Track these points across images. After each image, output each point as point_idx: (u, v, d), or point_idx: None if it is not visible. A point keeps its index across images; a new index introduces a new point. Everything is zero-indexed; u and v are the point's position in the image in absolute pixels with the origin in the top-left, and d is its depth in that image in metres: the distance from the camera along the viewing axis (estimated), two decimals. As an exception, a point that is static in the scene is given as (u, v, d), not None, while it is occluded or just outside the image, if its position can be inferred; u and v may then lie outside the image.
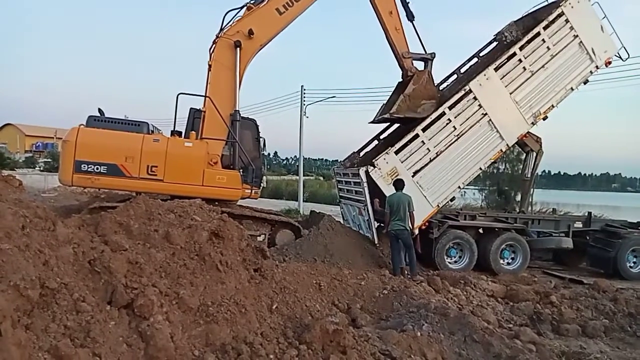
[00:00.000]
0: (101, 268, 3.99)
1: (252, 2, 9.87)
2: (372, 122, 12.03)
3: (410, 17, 11.00)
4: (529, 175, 12.37)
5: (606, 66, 11.17)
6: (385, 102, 11.86)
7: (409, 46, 11.07)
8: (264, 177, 11.18)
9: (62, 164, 9.22)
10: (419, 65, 11.28)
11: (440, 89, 12.43)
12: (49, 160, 39.95)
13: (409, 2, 11.01)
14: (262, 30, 9.83)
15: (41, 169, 37.55)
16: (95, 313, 3.62)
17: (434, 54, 11.18)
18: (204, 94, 9.86)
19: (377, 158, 9.91)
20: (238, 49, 9.66)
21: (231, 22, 9.85)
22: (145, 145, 9.18)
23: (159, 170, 9.14)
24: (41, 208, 4.26)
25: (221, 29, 9.84)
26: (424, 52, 11.14)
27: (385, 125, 12.54)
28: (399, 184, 9.19)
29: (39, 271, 3.48)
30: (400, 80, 11.53)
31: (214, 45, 9.88)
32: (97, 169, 8.92)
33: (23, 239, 3.63)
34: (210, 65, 9.86)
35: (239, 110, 9.89)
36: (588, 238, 11.66)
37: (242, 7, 9.90)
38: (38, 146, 56.21)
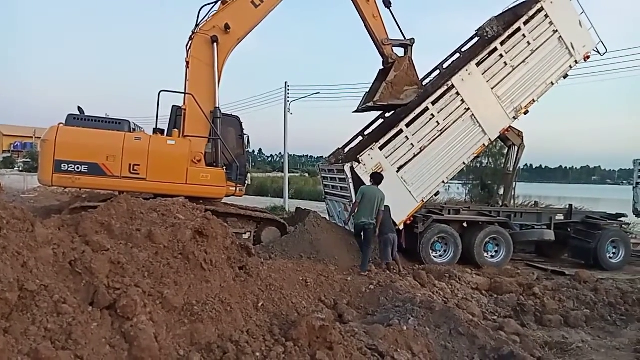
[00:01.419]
0: (82, 269, 3.91)
1: None
2: (356, 112, 12.03)
3: (387, 3, 11.00)
4: (511, 169, 12.55)
5: (585, 60, 11.36)
6: (367, 90, 11.87)
7: (388, 33, 11.06)
8: (249, 175, 11.11)
9: (41, 163, 8.99)
10: (399, 51, 11.28)
11: (423, 84, 12.50)
12: (28, 160, 39.18)
13: None
14: (238, 24, 9.72)
15: (20, 169, 36.82)
16: (77, 315, 3.55)
17: (414, 39, 11.16)
18: (186, 92, 9.74)
19: (361, 154, 9.93)
20: (215, 44, 9.54)
21: (206, 17, 9.73)
22: (127, 144, 9.02)
23: (142, 169, 9.00)
24: (19, 209, 4.15)
25: (197, 25, 9.70)
26: (403, 38, 11.14)
27: (369, 120, 12.59)
28: (377, 178, 8.95)
29: (17, 273, 3.39)
30: (382, 67, 11.54)
31: (190, 42, 9.76)
32: (78, 168, 8.74)
33: (0, 241, 3.54)
34: (187, 62, 9.73)
35: (219, 107, 9.78)
36: (569, 230, 11.89)
37: (216, 2, 9.78)
38: (17, 146, 55.01)
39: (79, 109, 9.58)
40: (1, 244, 3.49)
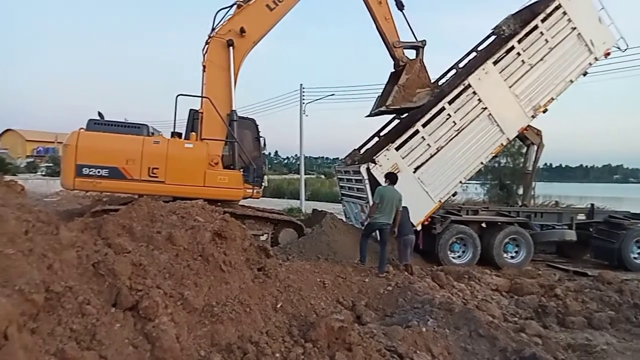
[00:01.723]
0: (105, 271, 3.98)
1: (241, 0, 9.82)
2: (368, 116, 12.01)
3: (400, 6, 10.98)
4: (530, 169, 12.36)
5: (605, 57, 11.15)
6: (380, 94, 11.83)
7: (400, 35, 11.02)
8: (265, 177, 11.18)
9: (63, 168, 9.21)
10: (411, 53, 11.23)
11: (439, 84, 12.42)
12: (51, 164, 40.03)
13: None
14: (253, 28, 9.81)
15: (43, 173, 37.60)
16: (100, 316, 3.62)
17: (425, 41, 11.11)
18: (203, 95, 9.85)
19: (378, 155, 9.91)
20: (231, 47, 9.64)
21: (222, 21, 9.84)
22: (146, 148, 9.17)
23: (160, 172, 9.13)
24: (44, 212, 4.26)
25: (212, 29, 9.82)
26: (414, 40, 11.09)
27: (385, 121, 12.55)
28: (393, 178, 8.78)
29: (43, 275, 3.48)
30: (393, 70, 11.50)
31: (206, 46, 9.88)
32: (99, 172, 8.91)
33: (26, 243, 3.63)
34: (204, 66, 9.84)
35: (235, 110, 9.87)
36: (591, 230, 11.66)
37: (232, 6, 9.89)
38: (39, 151, 56.29)
39: (99, 114, 9.78)
40: (28, 247, 3.58)
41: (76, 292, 3.65)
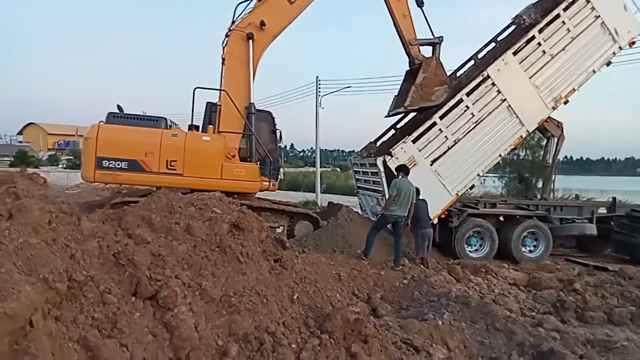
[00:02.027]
0: (125, 261, 4.07)
1: None
2: (387, 116, 11.90)
3: (420, 2, 10.83)
4: (550, 161, 12.16)
5: (630, 46, 10.87)
6: (397, 93, 11.72)
7: (416, 31, 10.86)
8: (281, 170, 11.22)
9: (84, 161, 9.36)
10: (427, 50, 11.07)
11: (458, 75, 12.26)
12: (71, 157, 40.85)
13: None
14: (273, 21, 9.80)
15: (64, 166, 38.40)
16: (121, 305, 3.71)
17: (442, 37, 10.93)
18: (220, 88, 9.91)
19: (394, 147, 9.85)
20: (250, 41, 9.66)
21: (242, 14, 9.85)
22: (164, 140, 9.27)
23: (178, 164, 9.23)
24: (66, 204, 4.36)
25: (233, 22, 9.84)
26: (432, 37, 10.93)
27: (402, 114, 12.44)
28: (406, 170, 8.69)
29: (66, 264, 3.57)
30: (409, 68, 11.39)
31: (226, 39, 9.91)
32: (118, 164, 9.05)
33: (50, 233, 3.73)
34: (223, 59, 9.88)
35: (253, 103, 9.91)
36: (613, 224, 11.44)
37: None
38: (60, 144, 57.46)
39: (119, 107, 9.90)
40: (51, 237, 3.67)
41: (97, 281, 3.74)
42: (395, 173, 8.85)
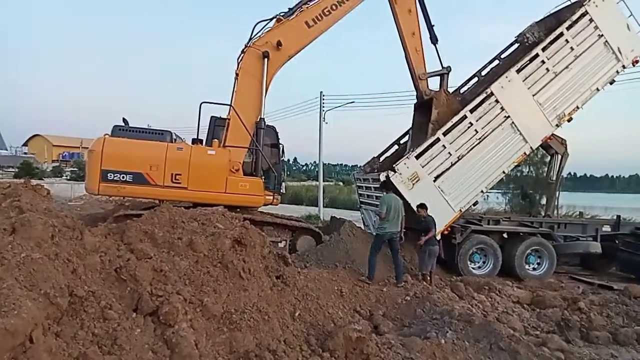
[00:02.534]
0: (127, 276, 4.06)
1: (282, 14, 10.00)
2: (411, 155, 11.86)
3: (434, 40, 11.04)
4: (554, 178, 12.12)
5: (633, 65, 10.87)
6: (409, 130, 11.73)
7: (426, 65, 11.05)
8: (283, 184, 11.22)
9: (88, 173, 9.33)
10: (435, 80, 11.23)
11: (461, 92, 12.32)
12: (75, 169, 41.00)
13: (434, 26, 11.03)
14: (290, 42, 9.95)
15: (68, 178, 38.52)
16: (121, 320, 3.69)
17: (450, 67, 11.14)
18: (226, 103, 9.99)
19: (397, 163, 9.84)
20: (266, 59, 9.79)
21: (260, 32, 9.98)
22: (170, 154, 9.28)
23: (183, 178, 9.24)
24: (69, 217, 4.37)
25: (250, 39, 9.97)
26: (440, 68, 11.11)
27: (405, 129, 12.48)
28: (389, 185, 8.84)
29: (67, 279, 3.57)
30: (416, 102, 11.53)
31: (242, 55, 10.03)
32: (123, 177, 9.04)
33: (53, 248, 3.74)
34: (237, 74, 9.98)
35: (264, 119, 9.99)
36: (617, 242, 11.34)
37: (271, 19, 10.04)
38: (65, 156, 57.80)
39: (124, 120, 9.95)
40: (54, 251, 3.68)
41: (99, 296, 3.73)
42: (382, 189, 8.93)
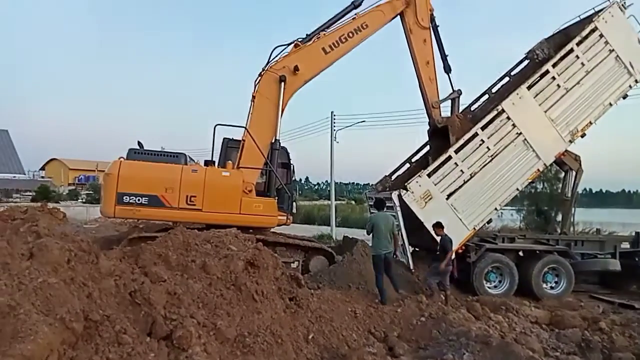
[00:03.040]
0: (141, 300, 4.08)
1: (299, 40, 10.21)
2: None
3: (448, 69, 11.19)
4: (569, 195, 11.96)
5: (646, 79, 10.80)
6: (429, 159, 11.73)
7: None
8: (295, 203, 11.25)
9: (104, 196, 9.42)
10: (447, 103, 11.32)
11: (472, 109, 12.32)
12: (91, 192, 41.52)
13: (448, 55, 11.18)
14: (307, 68, 10.15)
15: (83, 200, 39.01)
16: (135, 345, 3.69)
17: (460, 91, 11.24)
18: (241, 125, 10.15)
19: (409, 181, 9.82)
20: (283, 83, 9.97)
21: (278, 57, 10.18)
22: (184, 176, 9.36)
23: (198, 200, 9.29)
24: (85, 241, 4.43)
25: (267, 63, 10.17)
26: (451, 92, 11.21)
27: (416, 147, 12.49)
28: (380, 204, 8.83)
29: (83, 304, 3.60)
30: (430, 129, 11.60)
31: (259, 78, 10.23)
32: (139, 200, 9.10)
33: (68, 272, 3.78)
34: (254, 97, 10.16)
35: (279, 140, 10.10)
36: (637, 259, 11.07)
37: (290, 44, 10.26)
38: (80, 179, 58.65)
39: (139, 143, 10.12)
40: (69, 276, 3.72)
41: (113, 320, 3.74)
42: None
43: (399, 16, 10.72)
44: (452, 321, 6.75)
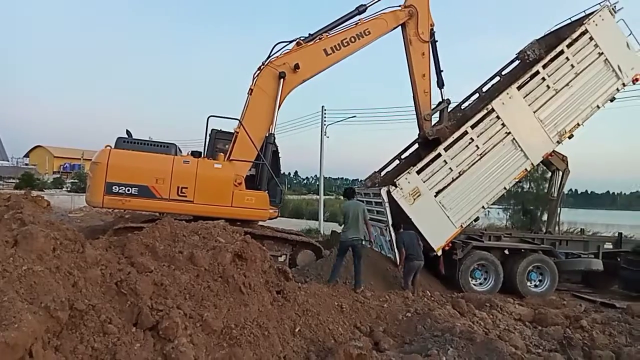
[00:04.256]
0: (128, 290, 4.04)
1: (302, 38, 10.17)
2: None
3: (441, 84, 11.27)
4: (555, 195, 12.11)
5: (633, 83, 10.96)
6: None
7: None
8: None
9: (92, 185, 9.18)
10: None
11: (462, 108, 12.39)
12: (76, 181, 40.98)
13: (442, 71, 11.24)
14: (307, 67, 10.14)
15: (68, 189, 38.48)
16: (121, 335, 3.67)
17: (449, 100, 11.40)
18: (234, 117, 10.11)
19: (398, 178, 9.85)
20: (282, 80, 9.91)
21: (279, 53, 10.12)
22: (176, 167, 9.21)
23: (189, 191, 9.17)
24: (71, 230, 4.37)
25: (268, 57, 10.10)
26: (440, 100, 11.29)
27: (406, 144, 12.53)
28: (349, 193, 9.12)
29: (68, 293, 3.56)
30: (420, 141, 11.68)
31: (258, 72, 10.15)
32: (128, 190, 8.93)
33: (54, 260, 3.73)
34: (251, 90, 10.09)
35: (274, 134, 10.05)
36: (619, 259, 11.29)
37: (291, 41, 10.22)
38: (66, 167, 57.81)
39: (127, 132, 9.94)
40: (55, 264, 3.67)
41: (99, 310, 3.71)
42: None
43: (400, 27, 10.78)
44: (437, 317, 6.80)
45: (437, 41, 11.13)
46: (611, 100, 10.94)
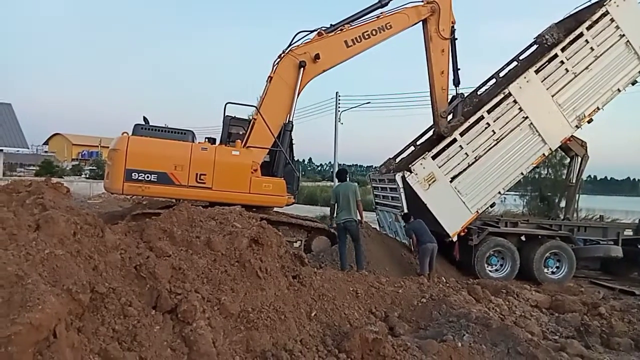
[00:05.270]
0: (147, 273, 4.11)
1: (323, 28, 10.12)
2: None
3: (457, 82, 11.13)
4: (573, 181, 11.93)
5: (657, 66, 10.64)
6: None
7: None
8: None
9: (111, 172, 9.24)
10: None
11: (479, 93, 12.21)
12: (94, 168, 41.64)
13: (459, 69, 11.08)
14: (327, 57, 10.08)
15: (87, 176, 39.15)
16: (141, 317, 3.74)
17: (463, 94, 11.30)
18: (252, 104, 10.18)
19: (413, 163, 9.81)
20: (302, 69, 9.86)
21: (300, 42, 10.08)
22: (194, 154, 9.22)
23: (208, 178, 9.21)
24: (90, 215, 4.44)
25: (289, 46, 10.07)
26: (454, 95, 11.18)
27: (421, 130, 12.43)
28: (341, 174, 9.23)
29: (89, 276, 3.63)
30: (434, 136, 11.55)
31: (278, 60, 10.13)
32: (148, 177, 8.94)
33: (75, 245, 3.80)
34: (270, 78, 10.08)
35: (292, 122, 10.07)
36: (639, 246, 11.10)
37: (313, 31, 10.17)
38: (84, 154, 58.76)
39: (144, 119, 9.98)
40: (76, 248, 3.74)
41: (119, 293, 3.78)
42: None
43: (421, 22, 10.66)
44: (453, 303, 6.79)
45: (456, 39, 11.00)
46: (633, 84, 10.69)
